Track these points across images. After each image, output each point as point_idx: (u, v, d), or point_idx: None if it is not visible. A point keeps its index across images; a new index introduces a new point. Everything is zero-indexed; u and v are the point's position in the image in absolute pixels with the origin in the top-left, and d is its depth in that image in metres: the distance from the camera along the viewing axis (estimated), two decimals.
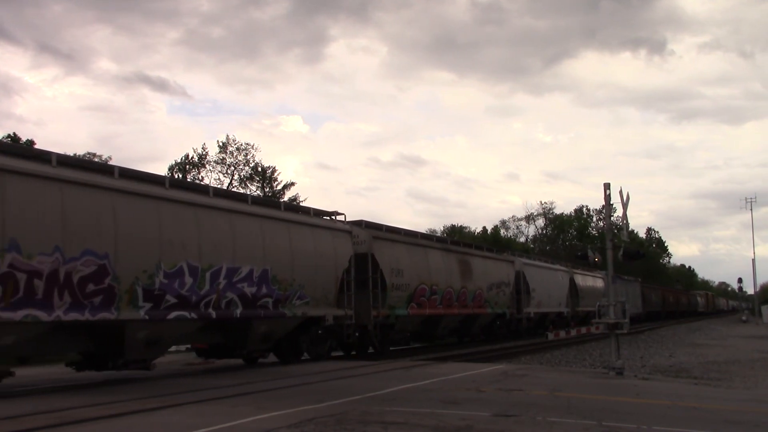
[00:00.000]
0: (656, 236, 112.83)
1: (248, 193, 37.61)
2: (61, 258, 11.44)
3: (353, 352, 21.16)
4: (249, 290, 15.45)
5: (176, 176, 41.03)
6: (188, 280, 13.82)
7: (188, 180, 38.82)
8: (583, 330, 20.32)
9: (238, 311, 15.18)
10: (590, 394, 12.04)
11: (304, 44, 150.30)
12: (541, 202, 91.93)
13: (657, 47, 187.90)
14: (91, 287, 11.93)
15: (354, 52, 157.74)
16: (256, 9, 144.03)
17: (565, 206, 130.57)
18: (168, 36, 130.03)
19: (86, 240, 11.90)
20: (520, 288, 31.48)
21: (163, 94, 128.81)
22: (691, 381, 16.54)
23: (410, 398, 10.77)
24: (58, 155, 12.46)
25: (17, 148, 11.66)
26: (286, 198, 44.97)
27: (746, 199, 78.65)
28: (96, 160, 39.49)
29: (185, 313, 13.82)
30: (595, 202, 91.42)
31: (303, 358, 18.36)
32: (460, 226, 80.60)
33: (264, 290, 15.90)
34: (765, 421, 9.95)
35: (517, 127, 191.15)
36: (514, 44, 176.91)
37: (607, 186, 16.42)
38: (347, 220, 20.29)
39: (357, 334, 19.91)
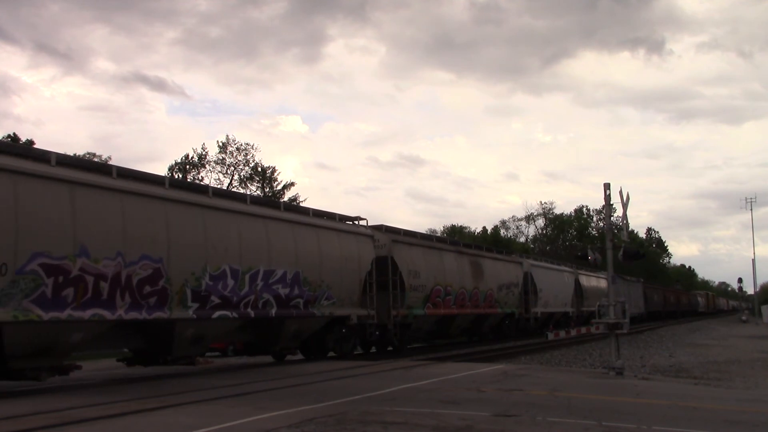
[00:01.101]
0: (656, 236, 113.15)
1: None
2: (122, 262, 12.41)
3: (372, 350, 21.81)
4: (283, 291, 16.39)
5: (176, 176, 41.11)
6: (230, 281, 14.77)
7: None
8: (583, 330, 20.40)
9: (273, 311, 16.08)
10: (590, 394, 12.07)
11: (303, 44, 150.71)
12: (541, 202, 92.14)
13: (655, 47, 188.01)
14: (147, 289, 12.91)
15: (352, 51, 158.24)
16: (254, 8, 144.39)
17: (564, 206, 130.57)
18: (166, 36, 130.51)
19: (143, 245, 12.87)
20: (528, 288, 32.36)
21: (161, 94, 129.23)
22: (691, 381, 16.56)
23: (410, 398, 10.80)
24: (118, 168, 13.39)
25: (82, 161, 12.79)
26: (286, 198, 45.03)
27: (746, 199, 79.13)
28: (96, 160, 39.51)
29: (227, 313, 14.79)
30: (595, 202, 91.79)
31: (329, 355, 19.22)
32: (460, 226, 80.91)
33: (296, 291, 16.78)
34: (765, 421, 9.96)
35: (517, 127, 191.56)
36: (513, 44, 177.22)
37: (607, 186, 16.45)
38: (368, 225, 21.16)
39: (377, 333, 20.58)
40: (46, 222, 11.24)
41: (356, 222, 20.65)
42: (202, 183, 15.59)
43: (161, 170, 48.37)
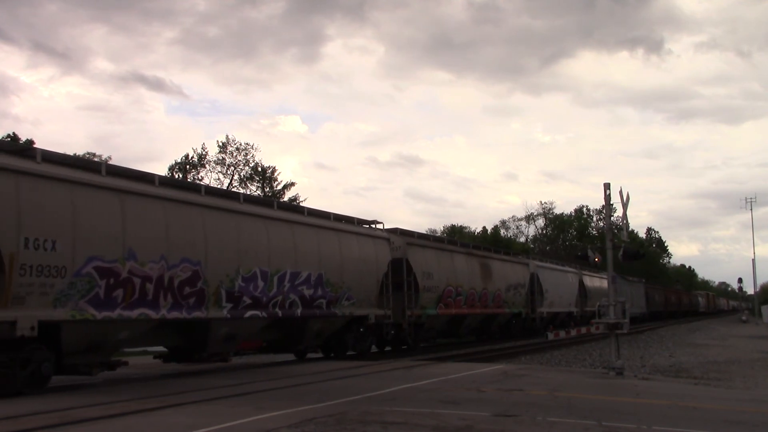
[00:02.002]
0: (656, 236, 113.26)
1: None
2: (165, 265, 13.36)
3: (387, 348, 22.65)
4: (307, 292, 17.31)
5: (177, 176, 41.50)
6: (260, 283, 15.73)
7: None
8: (583, 330, 20.66)
9: (299, 311, 17.01)
10: (590, 394, 12.10)
11: (301, 44, 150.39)
12: (541, 202, 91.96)
13: (654, 46, 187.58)
14: (187, 290, 13.86)
15: (351, 51, 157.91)
16: (252, 8, 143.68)
17: (563, 206, 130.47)
18: (164, 35, 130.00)
19: (183, 249, 13.83)
20: (534, 289, 33.29)
21: (159, 94, 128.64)
22: (691, 381, 16.66)
23: (410, 398, 10.87)
24: (160, 177, 14.40)
25: (128, 171, 13.54)
26: (286, 198, 45.54)
27: (746, 198, 78.77)
28: (96, 160, 40.06)
29: (258, 312, 15.71)
30: (594, 201, 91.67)
31: (348, 353, 20.05)
32: (460, 226, 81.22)
33: (319, 292, 17.69)
34: (765, 421, 9.97)
35: (516, 127, 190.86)
36: (512, 44, 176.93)
37: (607, 186, 16.51)
38: (384, 228, 22.12)
39: (392, 331, 21.49)
40: (99, 228, 12.19)
41: (373, 225, 21.63)
42: (233, 190, 16.33)
43: (161, 170, 48.32)
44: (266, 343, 17.90)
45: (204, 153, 45.54)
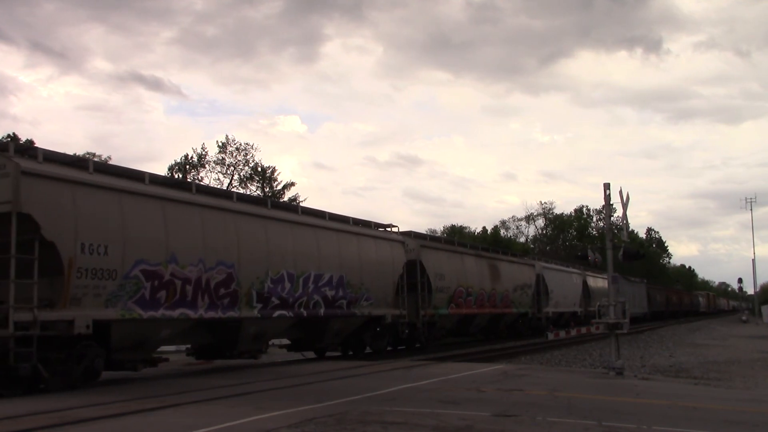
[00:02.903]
0: (656, 236, 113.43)
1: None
2: (203, 268, 14.33)
3: (401, 347, 23.52)
4: (329, 293, 18.27)
5: (176, 176, 41.67)
6: (287, 284, 16.73)
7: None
8: (583, 330, 20.82)
9: (322, 311, 17.96)
10: (590, 394, 12.11)
11: (299, 43, 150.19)
12: (540, 202, 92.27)
13: (653, 46, 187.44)
14: (222, 291, 14.82)
15: (349, 51, 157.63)
16: (250, 7, 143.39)
17: (562, 206, 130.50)
18: (162, 35, 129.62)
19: (219, 253, 14.79)
20: (540, 289, 34.24)
21: (157, 93, 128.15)
22: (691, 381, 16.70)
23: (410, 398, 10.89)
24: (197, 185, 15.50)
25: (168, 179, 14.54)
26: (286, 198, 45.77)
27: (746, 199, 79.35)
28: (96, 160, 40.88)
29: (285, 312, 16.68)
30: (593, 201, 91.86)
31: (365, 351, 20.99)
32: (460, 226, 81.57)
33: (340, 293, 18.66)
34: (765, 421, 9.97)
35: (514, 127, 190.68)
36: (510, 43, 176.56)
37: (607, 186, 16.51)
38: (398, 231, 23.11)
39: (407, 331, 22.43)
40: (145, 233, 13.15)
41: (388, 229, 22.60)
42: (261, 197, 17.27)
43: (160, 170, 48.17)
44: (290, 342, 18.80)
45: (204, 153, 45.82)
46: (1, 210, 11.13)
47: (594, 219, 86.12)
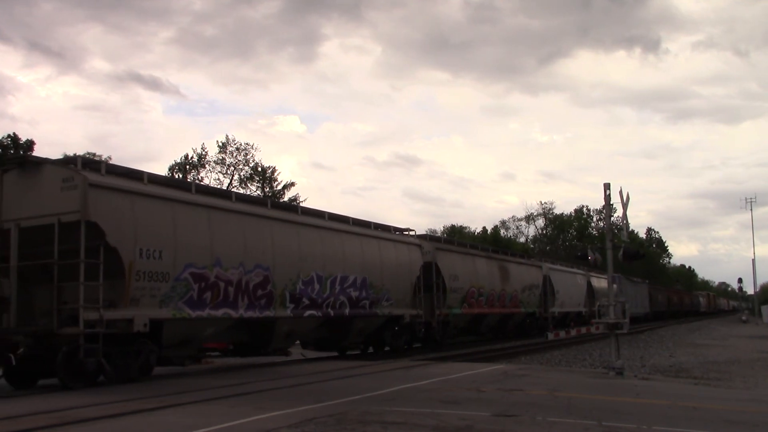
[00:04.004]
0: (656, 236, 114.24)
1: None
2: (243, 270, 15.45)
3: (416, 345, 24.55)
4: (354, 294, 19.40)
5: (176, 176, 42.21)
6: (316, 286, 17.86)
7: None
8: (583, 330, 21.12)
9: (347, 310, 19.08)
10: (590, 394, 12.11)
11: (298, 43, 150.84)
12: (540, 202, 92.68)
13: (651, 46, 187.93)
14: (259, 292, 15.97)
15: (348, 51, 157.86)
16: (248, 7, 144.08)
17: (562, 206, 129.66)
18: (160, 35, 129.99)
19: (257, 257, 15.93)
20: (547, 290, 35.40)
21: (156, 93, 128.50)
22: (691, 381, 16.72)
23: (410, 398, 10.90)
24: (236, 193, 16.63)
25: (210, 188, 15.67)
26: (286, 198, 46.28)
27: (746, 199, 79.55)
28: (96, 160, 41.73)
29: (314, 312, 17.79)
30: (592, 201, 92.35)
31: (385, 349, 22.08)
32: (460, 226, 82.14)
33: (363, 294, 19.82)
34: (765, 421, 9.99)
35: (513, 127, 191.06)
36: (509, 43, 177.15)
37: (607, 186, 16.50)
38: (413, 235, 24.23)
39: (423, 330, 23.53)
40: (193, 239, 14.32)
41: (406, 232, 23.80)
42: (292, 203, 18.43)
43: (160, 170, 48.23)
44: (316, 340, 19.94)
45: (204, 153, 46.17)
46: (71, 219, 12.30)
47: (594, 219, 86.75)
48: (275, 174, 47.98)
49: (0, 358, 11.59)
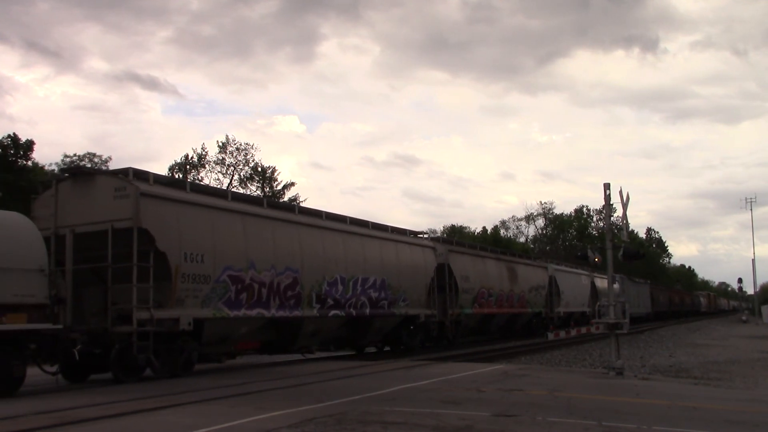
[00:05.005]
0: (656, 236, 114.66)
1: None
2: (274, 272, 16.56)
3: (428, 344, 25.22)
4: (374, 294, 20.50)
5: (176, 176, 42.14)
6: (340, 287, 18.93)
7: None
8: (583, 330, 21.10)
9: (368, 310, 20.17)
10: (590, 394, 12.08)
11: (296, 43, 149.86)
12: (541, 202, 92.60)
13: (650, 45, 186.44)
14: (289, 293, 17.05)
15: (346, 51, 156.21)
16: (246, 7, 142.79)
17: (561, 206, 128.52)
18: (158, 34, 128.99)
19: (286, 260, 17.02)
20: (552, 290, 36.47)
21: (154, 93, 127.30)
22: (691, 381, 16.68)
23: (410, 398, 10.88)
24: (267, 200, 17.61)
25: (243, 196, 16.62)
26: (286, 198, 46.43)
27: (746, 199, 79.11)
28: (96, 160, 41.87)
29: (338, 312, 18.84)
30: (592, 201, 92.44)
31: (401, 347, 23.00)
32: (460, 226, 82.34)
33: (382, 294, 20.87)
34: (765, 421, 9.96)
35: (513, 127, 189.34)
36: (507, 43, 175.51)
37: (607, 186, 16.54)
38: (426, 237, 25.50)
39: (436, 329, 24.58)
40: (231, 244, 15.37)
41: (419, 235, 24.88)
42: (317, 209, 19.36)
43: (160, 171, 47.35)
44: (336, 339, 20.93)
45: (204, 153, 46.31)
46: (123, 226, 13.37)
47: (594, 219, 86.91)
48: (275, 174, 48.32)
49: (62, 354, 12.57)
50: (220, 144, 47.14)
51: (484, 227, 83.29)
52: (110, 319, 13.31)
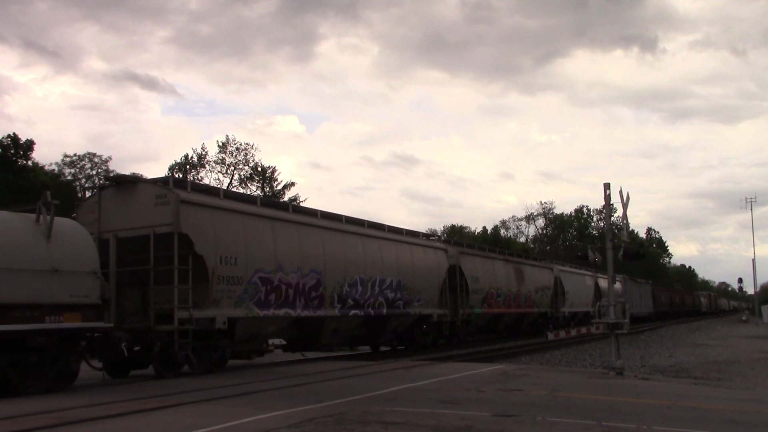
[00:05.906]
0: (656, 236, 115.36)
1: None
2: (300, 274, 17.48)
3: (440, 342, 26.13)
4: (390, 295, 21.44)
5: (177, 176, 42.02)
6: (359, 288, 19.87)
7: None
8: (583, 330, 21.36)
9: (385, 310, 21.10)
10: (590, 394, 12.10)
11: (294, 42, 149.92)
12: (540, 202, 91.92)
13: (648, 45, 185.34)
14: (313, 294, 17.96)
15: (344, 50, 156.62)
16: (245, 7, 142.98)
17: (560, 206, 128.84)
18: (157, 34, 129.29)
19: (311, 262, 17.91)
20: (557, 291, 37.45)
21: (153, 93, 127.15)
22: (691, 381, 16.78)
23: (410, 398, 10.91)
24: (293, 205, 18.55)
25: (271, 201, 17.32)
26: (286, 198, 46.69)
27: (746, 199, 78.80)
28: (96, 160, 43.01)
29: (358, 311, 19.79)
30: (591, 201, 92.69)
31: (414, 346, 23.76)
32: (460, 226, 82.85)
33: (398, 295, 21.81)
34: (765, 421, 10.01)
35: (511, 127, 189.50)
36: (505, 43, 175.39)
37: (607, 186, 16.59)
38: (438, 239, 26.68)
39: (449, 328, 25.54)
40: (261, 247, 16.31)
41: (432, 238, 25.99)
42: (338, 213, 20.29)
43: (160, 171, 48.33)
44: (354, 337, 21.91)
45: (204, 153, 46.69)
46: (164, 231, 14.32)
47: (594, 219, 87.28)
48: (275, 174, 48.68)
49: (110, 351, 13.51)
50: (220, 144, 47.53)
51: (484, 227, 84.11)
52: (152, 318, 14.25)
